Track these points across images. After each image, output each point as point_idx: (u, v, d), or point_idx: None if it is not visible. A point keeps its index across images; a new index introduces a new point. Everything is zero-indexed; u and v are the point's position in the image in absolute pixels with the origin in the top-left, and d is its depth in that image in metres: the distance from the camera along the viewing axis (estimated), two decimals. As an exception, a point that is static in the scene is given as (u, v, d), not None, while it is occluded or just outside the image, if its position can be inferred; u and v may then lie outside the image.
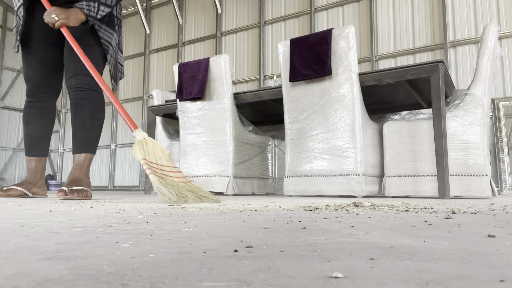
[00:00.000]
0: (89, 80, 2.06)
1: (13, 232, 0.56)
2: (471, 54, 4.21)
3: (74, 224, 0.68)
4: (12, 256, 0.37)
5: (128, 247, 0.43)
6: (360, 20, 4.89)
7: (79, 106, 2.04)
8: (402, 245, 0.45)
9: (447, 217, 0.82)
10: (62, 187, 1.82)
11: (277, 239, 0.50)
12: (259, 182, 3.26)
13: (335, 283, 0.27)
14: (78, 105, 2.04)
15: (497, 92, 3.99)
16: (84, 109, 2.04)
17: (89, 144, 2.06)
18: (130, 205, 1.35)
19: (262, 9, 5.64)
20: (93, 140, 2.07)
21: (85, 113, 2.05)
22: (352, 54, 2.43)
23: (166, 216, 0.86)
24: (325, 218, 0.80)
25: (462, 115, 2.32)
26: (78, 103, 2.04)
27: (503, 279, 0.29)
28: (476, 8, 4.22)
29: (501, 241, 0.49)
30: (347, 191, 2.39)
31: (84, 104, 2.04)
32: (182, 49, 6.38)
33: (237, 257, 0.37)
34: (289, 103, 2.68)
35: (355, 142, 2.39)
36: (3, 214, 0.88)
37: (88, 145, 2.05)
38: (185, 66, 3.14)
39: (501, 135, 3.79)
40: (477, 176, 2.23)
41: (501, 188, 3.69)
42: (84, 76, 2.05)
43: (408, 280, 0.28)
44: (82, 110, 2.04)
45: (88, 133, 2.05)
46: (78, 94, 2.04)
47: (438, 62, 2.28)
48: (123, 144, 6.90)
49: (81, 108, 2.04)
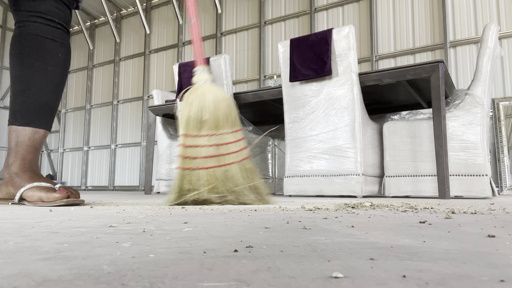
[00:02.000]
0: (68, 13, 1.45)
1: (13, 232, 0.56)
2: (471, 54, 4.21)
3: (74, 224, 0.68)
4: (12, 256, 0.37)
5: (128, 247, 0.43)
6: (360, 20, 4.88)
7: (45, 51, 1.37)
8: (402, 245, 0.45)
9: (447, 217, 0.82)
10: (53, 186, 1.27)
11: (277, 239, 0.50)
12: (259, 182, 3.26)
13: (335, 283, 0.27)
14: (44, 47, 1.37)
15: (497, 92, 3.99)
16: (56, 58, 1.39)
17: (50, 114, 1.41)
18: (130, 205, 1.35)
19: (262, 9, 5.64)
20: (55, 110, 1.44)
21: (57, 65, 1.40)
22: (352, 54, 2.43)
23: (166, 216, 0.86)
24: (325, 218, 0.80)
25: (462, 115, 2.32)
26: (44, 45, 1.37)
27: (503, 279, 0.29)
28: (476, 8, 4.22)
29: (501, 241, 0.49)
30: (347, 191, 2.39)
31: (56, 50, 1.40)
32: (182, 49, 6.38)
33: (237, 257, 0.37)
34: (289, 103, 2.68)
35: (355, 142, 2.39)
36: (3, 214, 0.88)
37: (50, 115, 1.41)
38: (185, 66, 3.14)
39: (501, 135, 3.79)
40: (477, 176, 2.23)
41: (501, 188, 3.68)
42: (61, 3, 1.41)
43: (408, 280, 0.28)
44: (52, 57, 1.39)
45: (54, 97, 1.41)
46: (47, 30, 1.38)
47: (438, 62, 2.28)
48: (123, 144, 6.89)
49: (48, 54, 1.37)
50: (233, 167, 1.22)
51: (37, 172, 1.35)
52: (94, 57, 7.57)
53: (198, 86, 1.24)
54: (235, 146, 1.24)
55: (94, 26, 7.68)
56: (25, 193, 1.25)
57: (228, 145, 1.22)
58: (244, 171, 1.24)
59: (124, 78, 7.06)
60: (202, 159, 1.20)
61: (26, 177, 1.30)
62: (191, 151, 1.22)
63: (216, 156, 1.21)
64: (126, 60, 7.10)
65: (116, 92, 7.07)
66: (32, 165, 1.34)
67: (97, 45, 7.57)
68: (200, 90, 1.23)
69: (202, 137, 1.21)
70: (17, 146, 1.33)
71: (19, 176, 1.30)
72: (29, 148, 1.34)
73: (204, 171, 1.20)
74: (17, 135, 1.34)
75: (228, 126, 1.23)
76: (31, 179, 1.29)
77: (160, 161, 3.70)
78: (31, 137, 1.35)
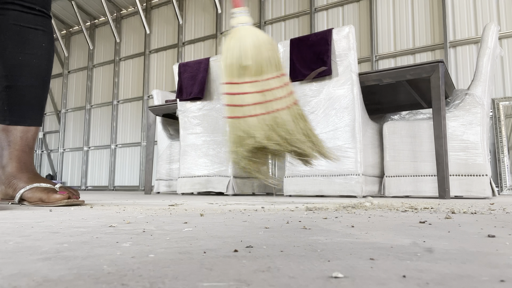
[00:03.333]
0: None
1: (13, 232, 0.56)
2: (471, 54, 4.21)
3: (74, 224, 0.68)
4: (12, 256, 0.37)
5: (128, 247, 0.43)
6: (360, 20, 4.88)
7: (28, 42, 1.27)
8: (402, 245, 0.45)
9: (447, 217, 0.82)
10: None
11: (277, 239, 0.50)
12: (259, 182, 3.26)
13: (335, 283, 0.27)
14: (26, 39, 1.27)
15: (497, 92, 3.99)
16: (40, 49, 1.30)
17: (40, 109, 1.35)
18: (130, 205, 1.35)
19: (262, 9, 5.64)
20: (44, 105, 1.36)
21: (42, 57, 1.30)
22: (352, 54, 2.43)
23: (166, 216, 0.86)
24: (325, 218, 0.80)
25: (462, 115, 2.32)
26: (26, 36, 1.27)
27: (503, 279, 0.29)
28: (476, 8, 4.22)
29: (501, 241, 0.49)
30: (347, 191, 2.39)
31: (40, 40, 1.29)
32: (182, 49, 6.38)
33: (237, 257, 0.37)
34: (289, 103, 2.68)
35: (355, 142, 2.39)
36: (3, 214, 0.88)
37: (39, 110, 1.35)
38: (185, 66, 3.14)
39: (501, 135, 3.79)
40: (477, 176, 2.23)
41: (501, 188, 3.68)
42: None
43: (408, 280, 0.28)
44: (36, 49, 1.29)
45: (42, 91, 1.33)
46: (27, 18, 1.27)
47: (438, 62, 2.28)
48: (123, 144, 6.89)
49: (31, 46, 1.28)
50: (282, 114, 1.14)
51: (34, 172, 1.31)
52: (94, 57, 7.57)
53: (237, 29, 1.15)
54: (281, 92, 1.16)
55: (94, 26, 7.68)
56: (24, 194, 1.23)
57: (273, 90, 1.15)
58: (295, 118, 1.16)
59: (124, 78, 7.06)
60: (249, 107, 1.14)
61: (25, 178, 1.27)
62: (237, 98, 1.15)
63: (263, 102, 1.14)
64: (126, 60, 7.09)
65: (116, 92, 7.07)
66: (28, 165, 1.31)
67: (97, 45, 7.57)
68: (240, 33, 1.15)
69: (246, 83, 1.15)
70: (9, 146, 1.29)
71: (17, 178, 1.27)
72: (23, 148, 1.30)
73: (254, 118, 1.13)
74: (7, 135, 1.29)
75: (272, 71, 1.16)
76: (30, 180, 1.26)
77: (160, 161, 3.70)
78: (23, 136, 1.30)
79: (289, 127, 1.13)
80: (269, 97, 1.14)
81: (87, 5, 7.25)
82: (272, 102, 1.14)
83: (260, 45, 1.14)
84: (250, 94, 1.13)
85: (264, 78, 1.14)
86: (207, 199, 1.91)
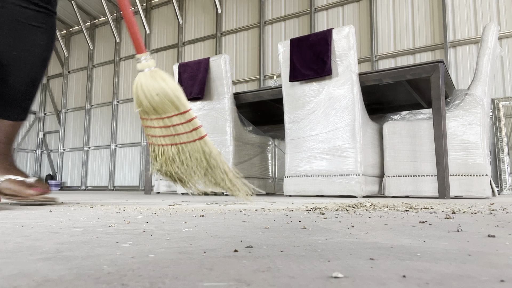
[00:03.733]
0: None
1: (13, 232, 0.56)
2: (471, 54, 4.21)
3: (74, 224, 0.68)
4: (12, 256, 0.37)
5: (128, 247, 0.43)
6: (360, 20, 4.88)
7: (25, 40, 1.27)
8: (402, 245, 0.45)
9: (447, 217, 0.82)
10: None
11: (277, 239, 0.50)
12: (259, 182, 3.26)
13: (335, 283, 0.27)
14: (24, 36, 1.27)
15: (497, 92, 3.99)
16: (37, 47, 1.30)
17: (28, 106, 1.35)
18: (130, 205, 1.35)
19: (262, 9, 5.64)
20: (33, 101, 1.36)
21: (38, 56, 1.31)
22: (352, 54, 2.43)
23: (166, 216, 0.86)
24: (325, 218, 0.80)
25: (462, 115, 2.32)
26: (24, 34, 1.27)
27: (503, 279, 0.29)
28: (476, 8, 4.22)
29: (501, 241, 0.49)
30: (347, 191, 2.39)
31: (38, 38, 1.29)
32: (182, 49, 6.38)
33: (237, 257, 0.37)
34: (289, 103, 2.68)
35: (355, 142, 2.39)
36: (3, 214, 0.88)
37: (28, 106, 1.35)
38: (185, 66, 3.14)
39: (501, 135, 3.79)
40: (477, 176, 2.23)
41: (501, 188, 3.68)
42: None
43: (408, 280, 0.28)
44: (33, 47, 1.29)
45: (32, 89, 1.33)
46: (28, 14, 1.27)
47: (438, 62, 2.28)
48: (123, 144, 6.89)
49: (29, 44, 1.28)
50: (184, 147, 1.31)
51: (12, 164, 1.33)
52: (94, 57, 7.57)
53: (138, 76, 1.29)
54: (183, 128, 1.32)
55: (94, 26, 7.68)
56: (0, 185, 1.25)
57: (175, 126, 1.32)
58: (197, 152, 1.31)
59: (124, 78, 7.06)
60: (157, 138, 1.34)
61: (2, 169, 1.28)
62: (149, 130, 1.36)
63: (168, 136, 1.32)
64: (126, 60, 7.09)
65: (116, 92, 7.07)
66: (7, 156, 1.32)
67: (97, 45, 7.57)
68: (137, 81, 1.29)
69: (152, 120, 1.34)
70: None
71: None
72: (2, 140, 1.31)
73: (160, 147, 1.34)
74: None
75: (172, 110, 1.31)
76: (6, 170, 1.27)
77: (160, 161, 3.69)
78: (6, 129, 1.31)
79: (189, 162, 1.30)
80: (172, 131, 1.32)
81: (87, 5, 7.25)
82: (174, 136, 1.32)
83: (150, 92, 1.28)
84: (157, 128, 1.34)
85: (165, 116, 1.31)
86: (207, 199, 1.91)
